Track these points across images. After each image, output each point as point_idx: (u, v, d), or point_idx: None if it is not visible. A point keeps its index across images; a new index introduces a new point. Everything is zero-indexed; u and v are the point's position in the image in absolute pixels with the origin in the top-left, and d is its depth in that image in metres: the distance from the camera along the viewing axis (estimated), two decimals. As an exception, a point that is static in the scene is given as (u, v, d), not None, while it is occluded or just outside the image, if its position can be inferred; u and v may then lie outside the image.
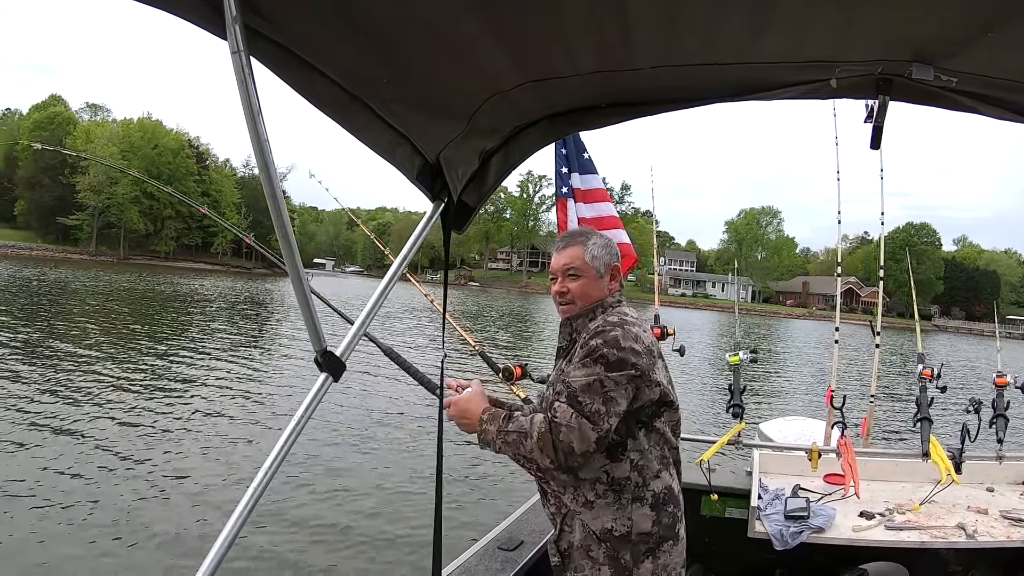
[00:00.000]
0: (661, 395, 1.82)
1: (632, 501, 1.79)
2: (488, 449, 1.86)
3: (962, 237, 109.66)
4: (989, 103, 1.40)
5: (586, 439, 1.69)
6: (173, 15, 1.01)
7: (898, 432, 11.54)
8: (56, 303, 24.06)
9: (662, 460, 1.85)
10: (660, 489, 1.82)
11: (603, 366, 1.73)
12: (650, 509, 1.80)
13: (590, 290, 1.94)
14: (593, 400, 1.71)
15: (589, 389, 1.72)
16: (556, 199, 4.62)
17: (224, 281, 50.82)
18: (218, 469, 7.36)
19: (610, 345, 1.75)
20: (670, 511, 1.83)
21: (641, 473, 1.80)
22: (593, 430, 1.69)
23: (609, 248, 1.99)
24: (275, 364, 14.74)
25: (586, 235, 2.01)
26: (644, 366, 1.78)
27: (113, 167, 61.94)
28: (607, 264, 1.96)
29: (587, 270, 1.94)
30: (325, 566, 5.37)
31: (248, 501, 1.28)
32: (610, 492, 1.79)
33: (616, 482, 1.79)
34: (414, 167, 1.63)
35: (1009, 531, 3.13)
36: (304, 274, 1.31)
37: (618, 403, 1.73)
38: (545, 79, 1.51)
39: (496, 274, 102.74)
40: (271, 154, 1.12)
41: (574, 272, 1.95)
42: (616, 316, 1.86)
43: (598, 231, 2.09)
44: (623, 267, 4.71)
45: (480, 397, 1.93)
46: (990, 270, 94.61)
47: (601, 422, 1.70)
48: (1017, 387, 3.80)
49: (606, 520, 1.79)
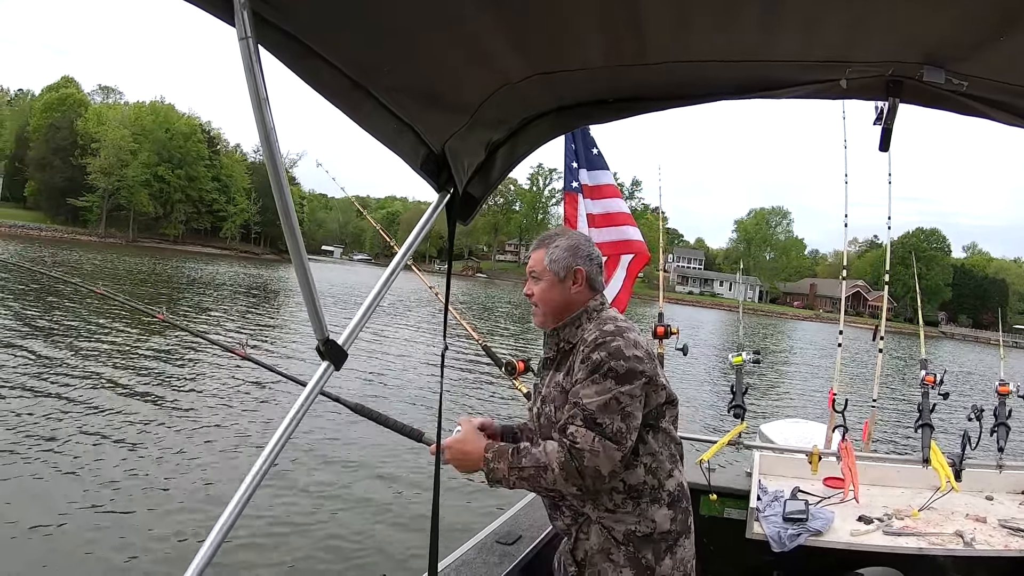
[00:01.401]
0: (667, 396, 1.84)
1: (651, 504, 1.79)
2: (500, 487, 1.82)
3: (972, 244, 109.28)
4: (1000, 108, 1.39)
5: (612, 460, 1.68)
6: (182, 0, 1.01)
7: (899, 437, 11.52)
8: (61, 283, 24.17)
9: (671, 458, 1.86)
10: (674, 487, 1.84)
11: (614, 380, 1.71)
12: (668, 508, 1.80)
13: (550, 294, 1.91)
14: (612, 420, 1.69)
15: (606, 409, 1.69)
16: (564, 193, 4.60)
17: (233, 267, 50.94)
18: (215, 456, 7.37)
19: (615, 357, 1.73)
20: (683, 507, 1.85)
21: (656, 475, 1.81)
22: (618, 450, 1.68)
23: (574, 251, 1.92)
24: (277, 350, 14.79)
25: (552, 238, 1.97)
26: (650, 372, 1.77)
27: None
28: (567, 267, 1.90)
29: (545, 273, 1.91)
30: (320, 558, 5.38)
31: (246, 489, 1.29)
32: (628, 500, 1.79)
33: (633, 489, 1.79)
34: (418, 157, 1.62)
35: (1007, 540, 3.12)
36: (307, 261, 1.32)
37: (635, 417, 1.73)
38: (553, 72, 1.50)
39: (504, 266, 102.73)
40: (277, 142, 1.12)
41: (535, 275, 1.94)
42: (611, 324, 1.82)
43: (572, 233, 2.04)
44: (636, 265, 4.73)
45: (475, 435, 1.89)
46: (999, 278, 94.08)
47: (624, 440, 1.69)
48: (1019, 396, 3.78)
49: (629, 524, 1.78)
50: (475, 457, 1.83)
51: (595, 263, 1.95)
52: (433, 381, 12.61)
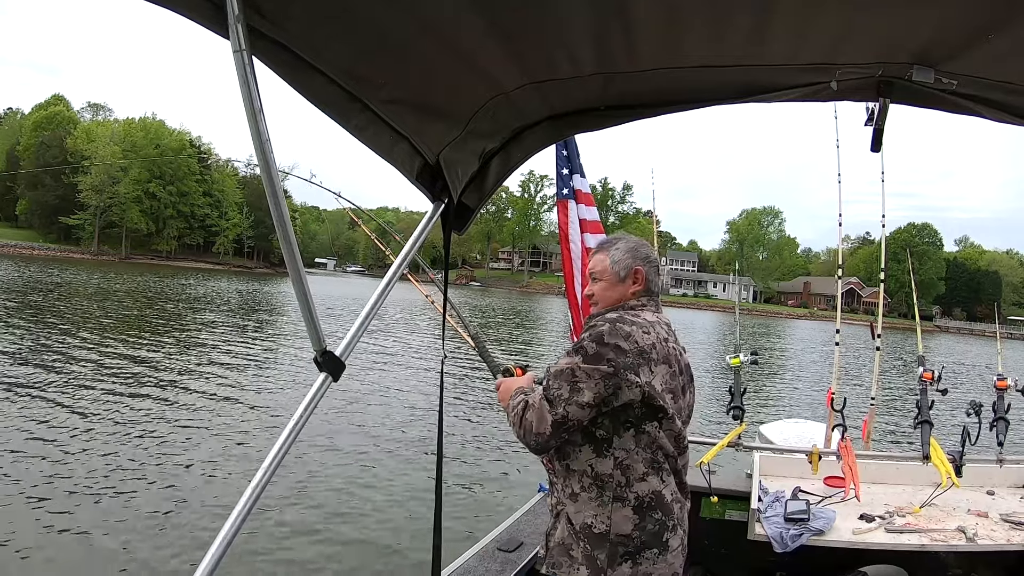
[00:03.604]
0: (646, 397, 1.75)
1: (613, 500, 1.78)
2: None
3: (964, 238, 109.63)
4: (989, 105, 1.40)
5: (543, 420, 1.76)
6: (176, 14, 1.01)
7: (899, 435, 11.54)
8: (60, 300, 24.07)
9: (651, 464, 1.80)
10: (646, 493, 1.78)
11: (581, 357, 1.76)
12: (632, 512, 1.77)
13: (609, 292, 2.01)
14: (560, 386, 1.76)
15: (560, 375, 1.77)
16: (557, 200, 4.62)
17: (232, 282, 50.79)
18: (216, 469, 7.35)
19: (592, 339, 1.77)
20: (657, 518, 1.78)
21: (625, 473, 1.78)
22: (550, 412, 1.75)
23: (634, 252, 2.03)
24: (274, 363, 14.74)
25: (613, 242, 2.07)
26: (622, 364, 1.73)
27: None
28: (628, 268, 2.00)
29: (605, 274, 2.01)
30: (324, 567, 5.36)
31: (247, 501, 1.28)
32: (594, 487, 1.80)
33: (599, 477, 1.79)
34: (414, 167, 1.63)
35: (1009, 534, 3.13)
36: (304, 274, 1.31)
37: (583, 394, 1.73)
38: (545, 81, 1.51)
39: (498, 274, 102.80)
40: (272, 153, 1.12)
41: (596, 276, 2.04)
42: (617, 313, 1.87)
43: (629, 237, 2.13)
44: None
45: (525, 379, 2.08)
46: (991, 271, 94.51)
47: (559, 407, 1.74)
48: (1018, 390, 3.79)
49: (587, 515, 1.79)
50: (508, 390, 2.01)
51: (652, 264, 2.05)
52: (432, 388, 12.60)
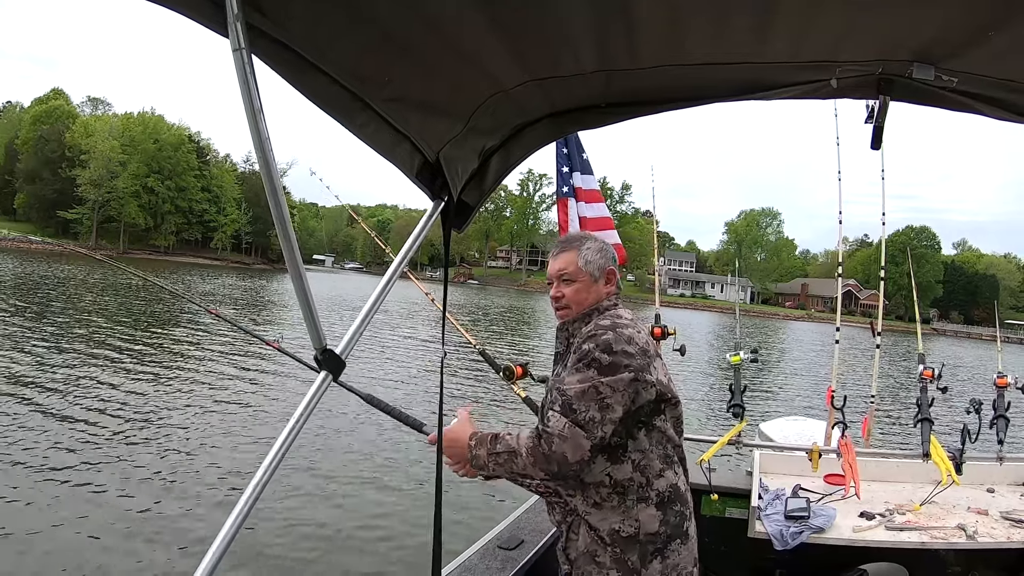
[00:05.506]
0: (658, 394, 1.80)
1: (637, 502, 1.77)
2: (483, 474, 1.84)
3: (962, 241, 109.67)
4: (989, 103, 1.40)
5: (580, 448, 1.67)
6: (175, 12, 1.00)
7: (899, 433, 11.55)
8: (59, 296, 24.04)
9: (665, 459, 1.83)
10: (665, 488, 1.80)
11: (596, 370, 1.72)
12: (656, 508, 1.78)
13: (584, 295, 1.94)
14: (588, 407, 1.69)
15: (584, 396, 1.69)
16: (557, 198, 4.62)
17: (232, 278, 50.72)
18: (215, 468, 7.33)
19: (602, 349, 1.74)
20: (677, 509, 1.81)
21: (644, 473, 1.79)
22: (587, 438, 1.67)
23: (604, 252, 1.98)
24: (274, 361, 14.72)
25: (581, 240, 2.01)
26: (638, 367, 1.75)
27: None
28: (601, 268, 1.96)
29: (580, 275, 1.95)
30: (324, 565, 5.36)
31: (246, 500, 1.27)
32: (614, 495, 1.78)
33: (619, 484, 1.78)
34: (414, 165, 1.62)
35: (1009, 532, 3.13)
36: (304, 271, 1.31)
37: (614, 409, 1.70)
38: (546, 78, 1.50)
39: (496, 272, 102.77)
40: (272, 151, 1.12)
41: (568, 277, 1.96)
42: (608, 319, 1.84)
43: (594, 235, 2.09)
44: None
45: (464, 424, 1.91)
46: (989, 274, 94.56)
47: (595, 430, 1.68)
48: (1018, 388, 3.79)
49: (613, 521, 1.77)
50: (461, 444, 1.84)
51: (616, 263, 2.02)
52: (432, 386, 12.60)
